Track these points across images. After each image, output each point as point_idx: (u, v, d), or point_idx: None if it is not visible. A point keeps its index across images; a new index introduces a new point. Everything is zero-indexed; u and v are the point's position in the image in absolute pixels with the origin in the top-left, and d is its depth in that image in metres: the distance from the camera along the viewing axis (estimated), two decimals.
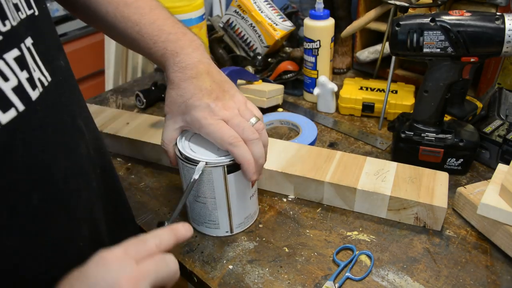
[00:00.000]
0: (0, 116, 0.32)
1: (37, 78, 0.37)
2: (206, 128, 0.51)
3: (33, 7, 0.39)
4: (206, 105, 0.51)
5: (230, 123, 0.51)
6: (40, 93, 0.37)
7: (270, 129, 0.85)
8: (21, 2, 0.37)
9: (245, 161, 0.51)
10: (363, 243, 0.58)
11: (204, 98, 0.51)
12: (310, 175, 0.63)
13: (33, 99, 0.36)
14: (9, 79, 0.33)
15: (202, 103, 0.51)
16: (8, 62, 0.34)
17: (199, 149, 0.54)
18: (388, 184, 0.61)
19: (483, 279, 0.52)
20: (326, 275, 0.53)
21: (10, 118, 0.33)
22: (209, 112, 0.51)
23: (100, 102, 0.98)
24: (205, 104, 0.51)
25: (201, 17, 0.89)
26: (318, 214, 0.63)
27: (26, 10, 0.38)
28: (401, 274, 0.53)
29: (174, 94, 0.53)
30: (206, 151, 0.53)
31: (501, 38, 0.57)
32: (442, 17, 0.60)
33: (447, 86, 0.64)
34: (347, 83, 0.90)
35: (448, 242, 0.57)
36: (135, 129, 0.77)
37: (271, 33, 0.96)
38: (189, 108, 0.52)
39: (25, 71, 0.35)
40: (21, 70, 0.35)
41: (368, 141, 0.79)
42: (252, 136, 0.51)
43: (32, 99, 0.36)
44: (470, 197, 0.59)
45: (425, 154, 0.68)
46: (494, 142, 0.68)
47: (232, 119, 0.51)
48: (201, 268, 0.55)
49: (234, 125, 0.51)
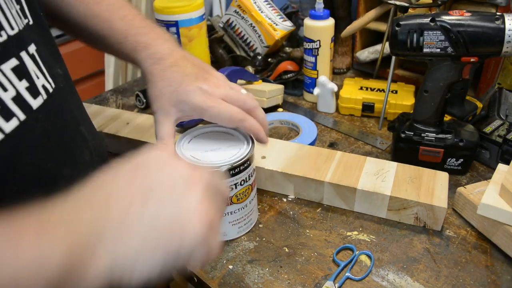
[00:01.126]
0: (4, 125, 0.32)
1: (41, 85, 0.37)
2: (210, 111, 0.50)
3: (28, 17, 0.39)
4: (199, 88, 0.50)
5: (228, 99, 0.51)
6: (44, 100, 0.37)
7: (270, 129, 0.85)
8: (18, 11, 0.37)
9: (258, 130, 0.52)
10: (363, 243, 0.58)
11: (194, 82, 0.50)
12: (310, 175, 0.63)
13: (34, 107, 0.36)
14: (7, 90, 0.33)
15: (194, 88, 0.50)
16: (5, 73, 0.34)
17: (199, 154, 0.53)
18: (388, 184, 0.61)
19: (483, 279, 0.52)
20: (326, 275, 0.53)
21: (13, 127, 0.33)
22: (205, 95, 0.50)
23: (100, 102, 0.98)
24: (197, 87, 0.50)
25: (201, 17, 0.89)
26: (318, 214, 0.63)
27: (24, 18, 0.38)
28: (401, 274, 0.53)
29: (159, 86, 0.51)
30: (206, 153, 0.53)
31: (501, 38, 0.57)
32: (442, 17, 0.60)
33: (447, 86, 0.64)
34: (347, 83, 0.90)
35: (448, 242, 0.57)
36: (135, 129, 0.77)
37: (271, 33, 0.96)
38: (183, 96, 0.50)
39: (24, 81, 0.35)
40: (19, 80, 0.35)
41: (368, 141, 0.79)
42: (253, 103, 0.53)
43: (33, 107, 0.36)
44: (470, 197, 0.59)
45: (425, 154, 0.68)
46: (494, 142, 0.68)
47: (228, 95, 0.51)
48: (201, 268, 0.55)
49: (234, 100, 0.51)
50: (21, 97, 0.35)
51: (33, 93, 0.36)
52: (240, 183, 0.54)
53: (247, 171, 0.54)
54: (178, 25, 0.87)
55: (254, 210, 0.60)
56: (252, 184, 0.57)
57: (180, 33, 0.88)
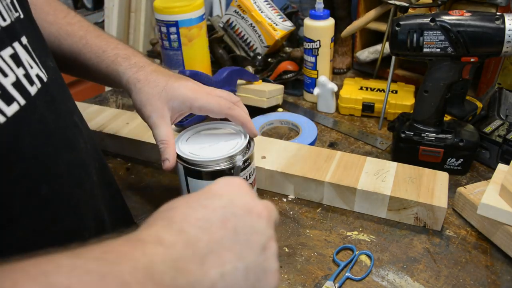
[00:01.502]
0: (5, 109, 0.33)
1: (34, 75, 0.38)
2: (199, 101, 0.51)
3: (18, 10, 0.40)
4: (185, 84, 0.52)
5: (213, 93, 0.53)
6: (38, 89, 0.38)
7: (270, 129, 0.85)
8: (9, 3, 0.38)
9: (246, 119, 0.53)
10: (363, 243, 0.58)
11: (179, 80, 0.52)
12: (310, 175, 0.63)
13: (32, 94, 0.37)
14: (8, 75, 0.34)
15: (180, 83, 0.52)
16: (4, 59, 0.35)
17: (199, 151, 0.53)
18: (388, 184, 0.61)
19: (483, 279, 0.52)
20: (326, 275, 0.53)
21: (14, 111, 0.34)
22: (194, 87, 0.52)
23: (100, 102, 0.98)
24: (184, 82, 0.52)
25: (201, 17, 0.89)
26: (318, 214, 0.63)
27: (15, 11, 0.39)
28: (401, 274, 0.53)
29: (146, 90, 0.52)
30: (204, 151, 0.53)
31: (501, 38, 0.57)
32: (442, 17, 0.60)
33: (447, 86, 0.64)
34: (347, 83, 0.90)
35: (448, 242, 0.57)
36: (135, 129, 0.77)
37: (271, 33, 0.96)
38: (171, 92, 0.51)
39: (21, 68, 0.36)
40: (17, 67, 0.36)
41: (368, 141, 0.79)
42: (236, 98, 0.55)
43: (31, 94, 0.37)
44: (470, 197, 0.59)
45: (425, 154, 0.69)
46: (494, 142, 0.68)
47: (213, 90, 0.54)
48: None
49: (219, 94, 0.53)
50: (20, 82, 0.35)
51: (29, 81, 0.37)
52: None
53: (247, 170, 0.54)
54: (178, 25, 0.87)
55: None
56: (253, 183, 0.57)
57: (180, 33, 0.88)
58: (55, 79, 0.43)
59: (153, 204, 0.67)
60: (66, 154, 0.41)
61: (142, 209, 0.66)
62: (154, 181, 0.72)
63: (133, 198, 0.68)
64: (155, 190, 0.70)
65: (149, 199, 0.68)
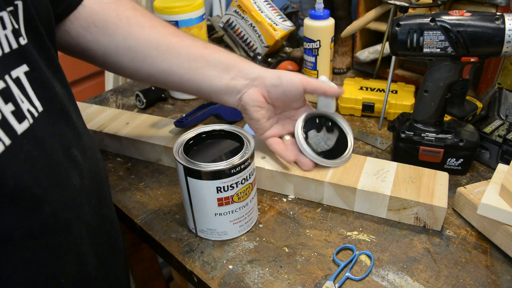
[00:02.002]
0: None
1: (26, 109, 0.36)
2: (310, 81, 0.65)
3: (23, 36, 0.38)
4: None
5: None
6: (30, 125, 0.36)
7: None
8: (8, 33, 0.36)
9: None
10: (363, 243, 0.58)
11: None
12: (310, 175, 0.63)
13: (18, 132, 0.35)
14: None
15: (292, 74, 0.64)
16: None
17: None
18: (388, 184, 0.61)
19: (483, 279, 0.52)
20: (326, 275, 0.53)
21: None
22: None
23: (100, 102, 0.98)
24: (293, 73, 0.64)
25: (201, 17, 0.90)
26: (318, 214, 0.63)
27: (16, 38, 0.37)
28: (401, 274, 0.53)
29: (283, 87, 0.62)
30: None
31: (501, 38, 0.57)
32: (442, 17, 0.60)
33: (447, 86, 0.64)
34: (347, 83, 0.90)
35: (448, 242, 0.57)
36: (135, 129, 0.77)
37: (271, 33, 0.96)
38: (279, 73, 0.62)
39: (10, 104, 0.34)
40: (5, 103, 0.34)
41: (368, 141, 0.79)
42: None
43: (18, 132, 0.35)
44: (470, 197, 0.59)
45: (425, 154, 0.69)
46: (494, 142, 0.68)
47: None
48: (201, 268, 0.55)
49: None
50: (6, 121, 0.34)
51: (19, 118, 0.35)
52: (241, 182, 0.54)
53: (247, 169, 0.54)
54: (178, 25, 0.87)
55: (254, 209, 0.60)
56: (253, 182, 0.57)
57: None
58: (55, 110, 0.41)
59: (153, 204, 0.67)
60: (54, 195, 0.38)
61: (142, 209, 0.66)
62: (154, 181, 0.72)
63: (133, 198, 0.68)
64: (155, 190, 0.70)
65: (149, 199, 0.68)
